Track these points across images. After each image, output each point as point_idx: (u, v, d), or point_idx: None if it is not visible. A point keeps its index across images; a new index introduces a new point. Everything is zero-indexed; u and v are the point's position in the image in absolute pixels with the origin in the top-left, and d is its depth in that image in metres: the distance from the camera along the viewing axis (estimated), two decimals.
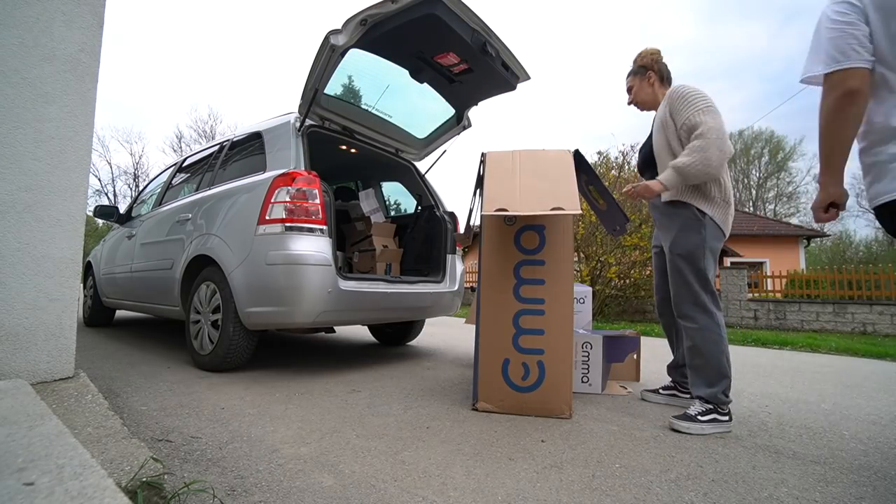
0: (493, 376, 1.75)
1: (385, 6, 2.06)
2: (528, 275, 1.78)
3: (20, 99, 1.43)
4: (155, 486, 0.93)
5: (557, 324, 1.73)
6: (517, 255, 1.80)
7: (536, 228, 1.81)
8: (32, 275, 1.44)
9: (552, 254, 1.79)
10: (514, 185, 1.71)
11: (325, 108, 2.67)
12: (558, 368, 1.71)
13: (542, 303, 1.75)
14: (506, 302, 1.77)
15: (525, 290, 1.77)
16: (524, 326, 1.75)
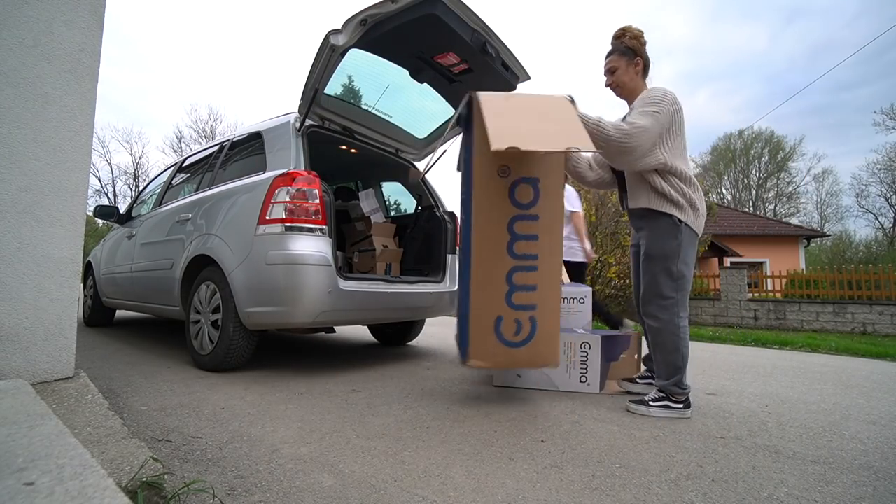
0: (485, 334, 1.70)
1: (385, 6, 2.06)
2: (522, 230, 1.69)
3: (20, 99, 1.43)
4: (155, 486, 0.93)
5: (549, 278, 1.70)
6: (511, 210, 1.69)
7: (531, 181, 1.70)
8: (32, 275, 1.44)
9: (546, 208, 1.70)
10: (517, 124, 1.56)
11: (325, 108, 2.67)
12: (549, 321, 1.70)
13: (535, 258, 1.69)
14: (500, 259, 1.69)
15: (519, 247, 1.69)
16: (517, 283, 1.69)
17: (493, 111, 1.54)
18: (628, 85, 1.85)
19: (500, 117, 1.51)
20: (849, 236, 29.68)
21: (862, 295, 7.68)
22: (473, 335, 1.72)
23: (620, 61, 1.85)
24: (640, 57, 1.84)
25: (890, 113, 24.35)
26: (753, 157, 30.96)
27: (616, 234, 7.72)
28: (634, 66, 1.84)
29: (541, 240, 1.70)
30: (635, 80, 1.85)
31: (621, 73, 1.85)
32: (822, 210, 30.54)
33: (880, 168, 26.30)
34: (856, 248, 28.62)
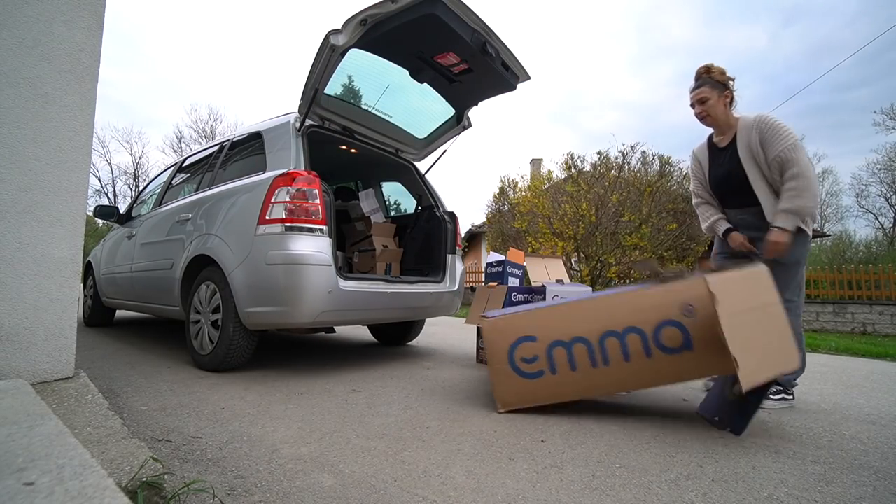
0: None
1: (385, 6, 2.06)
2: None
3: (20, 99, 1.43)
4: (155, 486, 0.93)
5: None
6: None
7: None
8: (32, 275, 1.44)
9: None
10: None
11: (325, 108, 2.67)
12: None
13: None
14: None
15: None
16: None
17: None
18: (720, 115, 2.00)
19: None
20: (849, 236, 29.67)
21: (862, 295, 7.68)
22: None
23: (712, 93, 1.99)
24: (728, 90, 2.00)
25: (890, 113, 24.34)
26: None
27: (616, 234, 7.72)
28: (724, 98, 2.00)
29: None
30: (724, 112, 2.00)
31: (713, 104, 1.99)
32: (822, 210, 30.53)
33: (880, 168, 26.31)
34: (856, 248, 28.61)
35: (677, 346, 1.60)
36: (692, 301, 1.59)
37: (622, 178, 8.23)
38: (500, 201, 10.70)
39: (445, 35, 2.28)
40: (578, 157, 8.68)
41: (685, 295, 1.61)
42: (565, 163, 8.72)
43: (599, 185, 8.07)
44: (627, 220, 7.72)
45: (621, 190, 7.95)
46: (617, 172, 8.35)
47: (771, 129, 1.85)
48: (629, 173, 8.41)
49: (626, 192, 7.93)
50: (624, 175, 8.34)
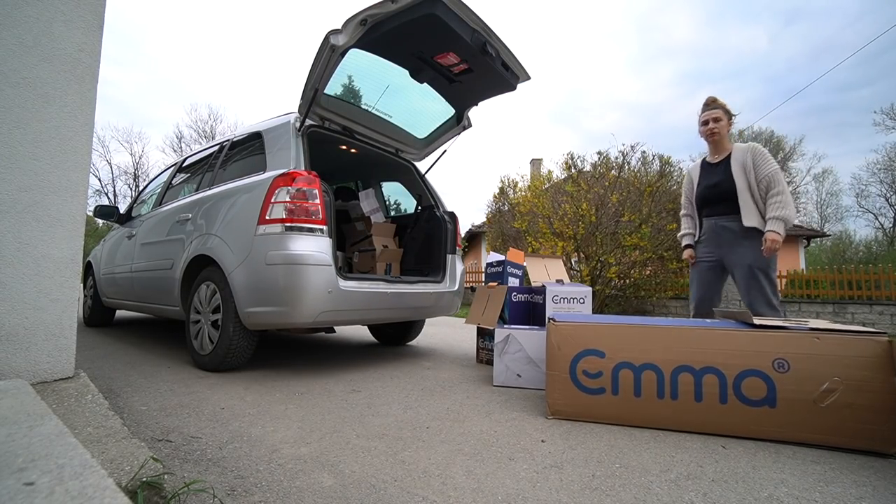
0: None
1: (385, 6, 2.06)
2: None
3: (20, 99, 1.43)
4: (155, 486, 0.93)
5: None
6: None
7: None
8: (32, 275, 1.44)
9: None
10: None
11: (325, 107, 2.67)
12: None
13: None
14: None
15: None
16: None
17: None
18: (724, 137, 2.48)
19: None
20: (849, 236, 29.70)
21: (862, 295, 7.68)
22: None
23: (724, 117, 2.45)
24: (731, 120, 2.52)
25: (890, 113, 24.35)
26: None
27: (616, 234, 7.72)
28: (729, 125, 2.51)
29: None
30: (726, 136, 2.50)
31: (723, 126, 2.45)
32: (822, 210, 30.55)
33: (880, 168, 26.33)
34: (856, 248, 28.63)
35: (758, 398, 1.49)
36: (787, 356, 1.48)
37: (622, 178, 8.22)
38: (500, 201, 10.69)
39: (445, 35, 2.28)
40: (578, 157, 8.67)
41: (781, 347, 1.50)
42: (565, 163, 8.71)
43: (599, 185, 8.06)
44: (627, 220, 7.71)
45: (621, 190, 7.95)
46: (617, 172, 8.34)
47: (762, 156, 2.36)
48: (629, 173, 8.40)
49: (626, 192, 7.92)
50: (624, 175, 8.33)
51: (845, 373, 1.42)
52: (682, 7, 56.13)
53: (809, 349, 1.46)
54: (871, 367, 1.39)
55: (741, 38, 49.16)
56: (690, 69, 55.20)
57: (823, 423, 1.43)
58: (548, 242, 7.98)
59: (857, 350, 1.42)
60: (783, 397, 1.47)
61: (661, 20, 55.02)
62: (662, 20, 55.10)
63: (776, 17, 48.02)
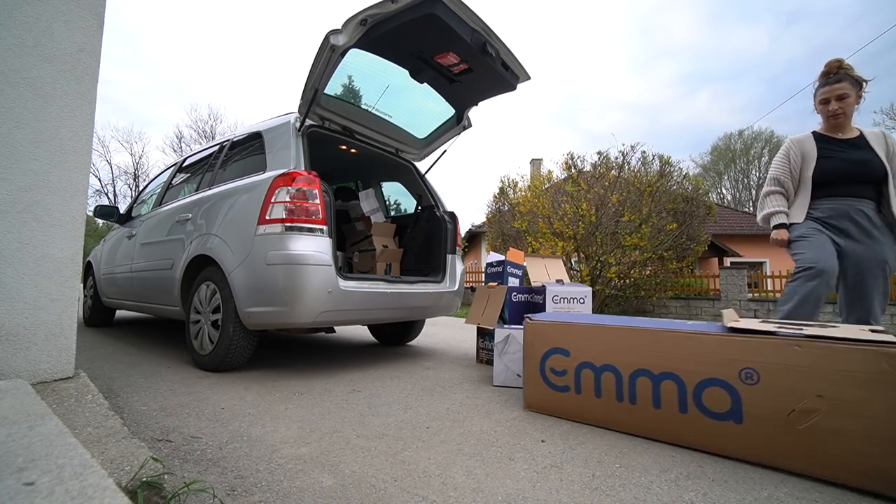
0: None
1: (385, 6, 2.06)
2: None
3: (20, 99, 1.43)
4: (155, 486, 0.93)
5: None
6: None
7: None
8: (32, 275, 1.44)
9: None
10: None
11: (325, 107, 2.67)
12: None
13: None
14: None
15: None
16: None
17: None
18: (851, 114, 1.94)
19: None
20: None
21: None
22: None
23: (852, 91, 1.89)
24: (862, 90, 1.94)
25: (890, 113, 24.37)
26: (753, 157, 30.99)
27: (616, 234, 7.72)
28: (858, 98, 1.92)
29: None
30: (853, 112, 1.93)
31: (851, 102, 1.91)
32: None
33: None
34: None
35: (722, 412, 1.32)
36: (758, 365, 1.28)
37: (622, 178, 8.22)
38: (500, 201, 10.70)
39: (445, 35, 2.28)
40: (578, 157, 8.68)
41: (751, 355, 1.29)
42: (565, 163, 8.72)
43: (599, 185, 8.06)
44: (627, 220, 7.72)
45: (621, 190, 7.95)
46: (617, 172, 8.34)
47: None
48: (629, 173, 8.41)
49: (626, 192, 7.92)
50: (624, 175, 8.33)
51: (833, 390, 1.17)
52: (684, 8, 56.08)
53: (787, 359, 1.23)
54: (871, 386, 1.12)
55: (742, 38, 49.19)
56: (691, 69, 55.21)
57: (802, 448, 1.20)
58: (548, 242, 7.98)
59: (852, 364, 1.15)
60: (751, 413, 1.28)
61: (662, 21, 55.00)
62: (664, 21, 55.08)
63: (777, 17, 48.07)
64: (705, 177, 28.73)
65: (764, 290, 9.13)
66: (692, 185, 9.09)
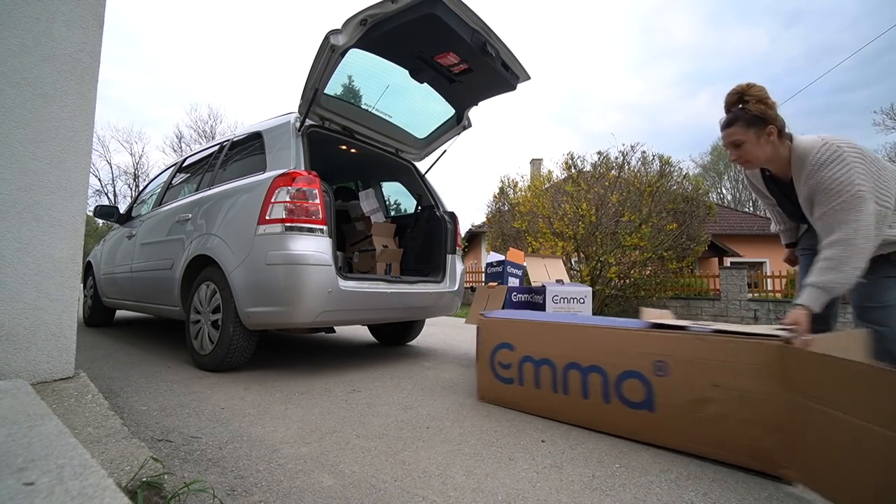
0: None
1: (385, 6, 2.06)
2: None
3: (20, 99, 1.43)
4: (155, 486, 0.93)
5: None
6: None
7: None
8: (32, 275, 1.44)
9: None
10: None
11: (325, 107, 2.67)
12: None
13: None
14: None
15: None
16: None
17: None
18: (762, 158, 1.54)
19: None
20: None
21: None
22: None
23: (747, 134, 1.51)
24: (773, 124, 1.49)
25: (890, 113, 24.37)
26: None
27: (616, 234, 7.72)
28: (767, 136, 1.50)
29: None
30: (771, 149, 1.52)
31: (751, 148, 1.52)
32: None
33: None
34: None
35: (638, 401, 1.42)
36: (668, 359, 1.36)
37: (622, 178, 8.22)
38: (500, 201, 10.69)
39: (445, 35, 2.28)
40: (578, 157, 8.68)
41: (662, 349, 1.38)
42: (565, 163, 8.72)
43: (599, 185, 8.06)
44: (627, 220, 7.72)
45: (621, 190, 7.95)
46: (617, 172, 8.34)
47: (820, 186, 1.40)
48: (629, 173, 8.40)
49: (626, 192, 7.92)
50: (624, 175, 8.33)
51: (727, 381, 1.25)
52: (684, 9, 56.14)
53: (691, 353, 1.32)
54: (757, 376, 1.21)
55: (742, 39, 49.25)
56: (692, 70, 55.28)
57: (702, 433, 1.30)
58: (548, 242, 7.98)
59: (743, 355, 1.24)
60: (661, 402, 1.37)
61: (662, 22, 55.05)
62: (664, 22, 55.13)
63: (776, 18, 48.14)
64: (705, 177, 28.73)
65: (764, 290, 9.12)
66: (692, 185, 9.09)
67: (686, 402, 1.33)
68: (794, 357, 1.15)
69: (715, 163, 32.07)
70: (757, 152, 1.53)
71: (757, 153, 1.53)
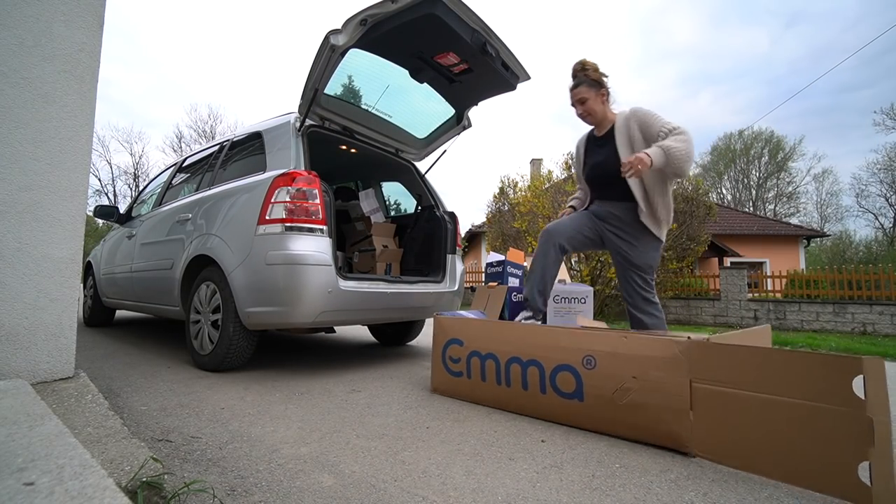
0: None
1: (385, 6, 2.06)
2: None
3: (20, 99, 1.43)
4: (155, 486, 0.93)
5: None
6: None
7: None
8: (32, 275, 1.44)
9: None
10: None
11: (325, 107, 2.66)
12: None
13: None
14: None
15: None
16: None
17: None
18: (599, 113, 2.07)
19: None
20: (849, 236, 29.73)
21: (862, 295, 7.68)
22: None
23: (590, 93, 2.04)
24: (604, 88, 2.06)
25: (890, 113, 24.39)
26: (753, 157, 30.98)
27: None
28: (601, 96, 2.05)
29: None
30: (604, 108, 2.07)
31: (592, 104, 2.05)
32: (822, 210, 30.57)
33: (880, 168, 26.36)
34: (856, 248, 28.66)
35: (570, 392, 1.59)
36: (596, 353, 1.53)
37: None
38: (500, 201, 10.69)
39: (445, 35, 2.28)
40: None
41: (592, 345, 1.56)
42: (565, 163, 8.72)
43: None
44: None
45: None
46: None
47: (648, 115, 1.95)
48: None
49: None
50: None
51: (644, 373, 1.42)
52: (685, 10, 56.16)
53: (615, 348, 1.50)
54: (667, 368, 1.39)
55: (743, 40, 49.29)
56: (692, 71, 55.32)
57: (625, 419, 1.46)
58: None
59: (656, 350, 1.42)
60: (589, 392, 1.54)
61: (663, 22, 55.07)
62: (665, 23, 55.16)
63: (777, 19, 48.19)
64: (705, 177, 28.73)
65: (764, 289, 9.13)
66: (692, 185, 9.09)
67: (610, 391, 1.49)
68: (697, 350, 1.35)
69: (715, 163, 32.07)
70: (596, 107, 2.05)
71: (596, 108, 2.05)
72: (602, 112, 2.07)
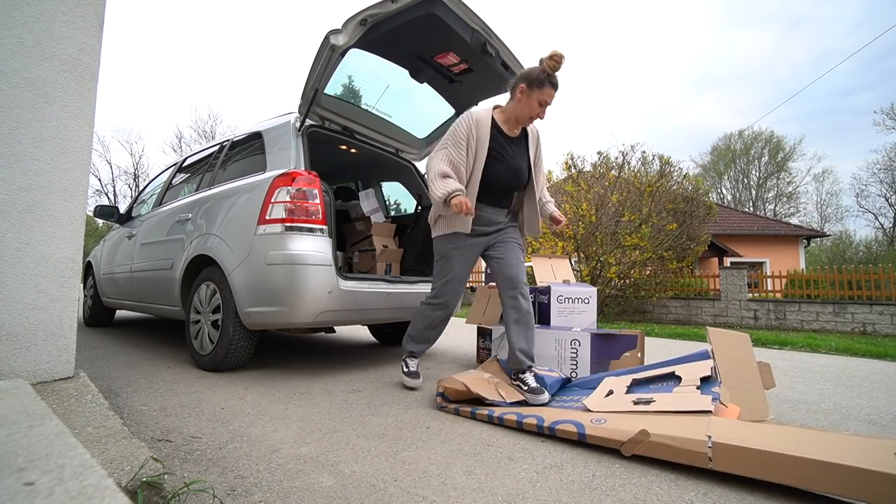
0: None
1: (385, 6, 2.06)
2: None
3: (20, 99, 1.43)
4: (155, 486, 0.93)
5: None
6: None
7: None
8: (32, 275, 1.44)
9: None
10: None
11: (325, 107, 2.66)
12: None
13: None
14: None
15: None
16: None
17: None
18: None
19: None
20: (849, 236, 29.72)
21: (862, 295, 7.67)
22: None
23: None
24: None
25: (890, 113, 24.38)
26: (753, 157, 30.98)
27: (616, 234, 7.72)
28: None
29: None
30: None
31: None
32: (822, 210, 30.58)
33: (880, 168, 26.35)
34: (856, 248, 28.65)
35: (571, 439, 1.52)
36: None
37: (622, 178, 8.22)
38: None
39: (445, 35, 2.28)
40: (578, 157, 8.68)
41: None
42: (565, 163, 8.71)
43: (599, 185, 8.07)
44: (627, 220, 7.72)
45: (621, 190, 7.96)
46: (617, 172, 8.35)
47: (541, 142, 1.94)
48: (629, 173, 8.41)
49: (626, 192, 7.93)
50: (624, 175, 8.34)
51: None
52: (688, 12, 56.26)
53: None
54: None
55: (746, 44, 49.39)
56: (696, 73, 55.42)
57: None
58: (548, 242, 7.98)
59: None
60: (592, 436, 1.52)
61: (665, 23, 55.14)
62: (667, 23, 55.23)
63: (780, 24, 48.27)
64: (705, 177, 28.73)
65: (764, 289, 9.12)
66: (692, 185, 9.09)
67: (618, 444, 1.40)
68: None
69: (715, 163, 32.07)
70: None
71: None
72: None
